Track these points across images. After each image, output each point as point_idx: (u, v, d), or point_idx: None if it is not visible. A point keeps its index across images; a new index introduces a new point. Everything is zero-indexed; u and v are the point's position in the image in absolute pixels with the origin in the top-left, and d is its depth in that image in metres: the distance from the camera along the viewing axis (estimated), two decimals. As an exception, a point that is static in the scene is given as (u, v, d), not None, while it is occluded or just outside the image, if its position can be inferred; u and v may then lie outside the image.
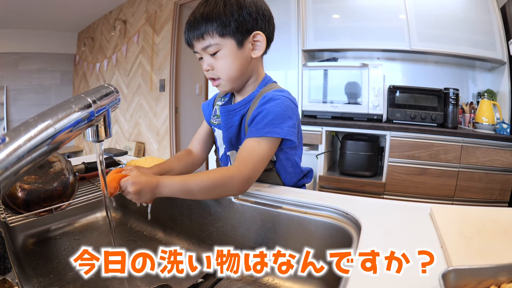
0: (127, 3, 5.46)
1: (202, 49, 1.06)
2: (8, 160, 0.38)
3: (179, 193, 0.93)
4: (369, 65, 3.16)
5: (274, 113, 1.05)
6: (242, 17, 1.04)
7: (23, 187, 0.89)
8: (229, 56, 1.06)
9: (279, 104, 1.07)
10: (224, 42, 1.04)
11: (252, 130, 1.04)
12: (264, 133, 1.02)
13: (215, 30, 1.02)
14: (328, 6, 3.45)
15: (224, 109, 1.19)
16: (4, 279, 0.70)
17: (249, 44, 1.09)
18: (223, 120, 1.20)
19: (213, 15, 1.02)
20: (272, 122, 1.03)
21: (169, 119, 4.88)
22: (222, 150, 1.28)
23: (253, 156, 1.00)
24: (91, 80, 6.43)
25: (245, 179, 0.97)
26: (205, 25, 1.02)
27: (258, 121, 1.05)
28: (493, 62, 3.09)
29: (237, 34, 1.05)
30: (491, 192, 2.77)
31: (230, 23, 1.03)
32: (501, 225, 0.71)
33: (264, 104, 1.08)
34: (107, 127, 0.66)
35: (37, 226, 1.21)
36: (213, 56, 1.07)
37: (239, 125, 1.18)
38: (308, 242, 0.96)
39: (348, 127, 3.09)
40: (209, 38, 1.03)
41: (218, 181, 0.93)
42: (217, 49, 1.05)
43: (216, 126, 1.28)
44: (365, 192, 3.03)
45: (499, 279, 0.50)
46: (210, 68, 1.09)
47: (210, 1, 1.05)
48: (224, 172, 0.96)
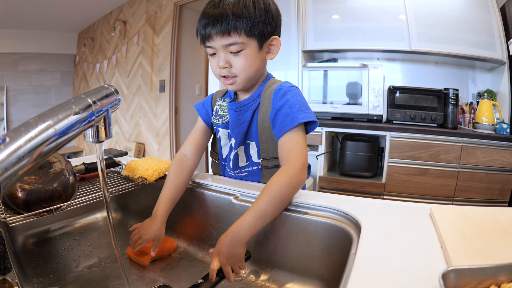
0: (127, 4, 5.47)
1: (224, 46, 1.03)
2: (9, 161, 0.38)
3: (259, 224, 0.91)
4: (369, 65, 3.16)
5: (299, 102, 1.08)
6: (267, 20, 1.05)
7: (23, 187, 0.89)
8: (250, 56, 1.06)
9: (298, 94, 1.12)
10: (249, 42, 1.04)
11: (285, 122, 1.05)
12: (300, 119, 1.03)
13: (244, 28, 1.01)
14: (328, 6, 3.45)
15: (235, 105, 1.18)
16: (4, 279, 0.70)
17: (266, 47, 1.11)
18: (233, 116, 1.18)
19: (244, 12, 1.00)
20: (300, 109, 1.06)
21: (169, 120, 4.89)
22: (226, 150, 1.28)
23: (298, 147, 1.03)
24: (91, 80, 6.44)
25: (301, 168, 0.99)
26: (235, 21, 0.99)
27: (288, 113, 1.05)
28: (493, 62, 3.10)
29: (261, 36, 1.05)
30: (491, 192, 2.77)
31: (258, 24, 1.03)
32: (501, 225, 0.71)
33: (283, 96, 1.10)
34: (107, 127, 0.66)
35: (37, 227, 1.21)
36: (235, 55, 1.04)
37: (250, 120, 1.17)
38: (308, 242, 0.96)
39: (348, 127, 3.09)
40: (236, 36, 1.01)
41: (284, 188, 0.95)
42: (241, 48, 1.03)
43: (220, 126, 1.26)
44: (365, 193, 3.03)
45: (499, 279, 0.50)
46: (227, 66, 1.06)
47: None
48: (282, 177, 0.96)
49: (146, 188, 1.26)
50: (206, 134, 1.31)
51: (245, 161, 1.23)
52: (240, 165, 1.24)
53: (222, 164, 1.33)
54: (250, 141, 1.20)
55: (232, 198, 1.08)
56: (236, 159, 1.24)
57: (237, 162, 1.24)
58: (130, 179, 1.26)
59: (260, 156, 1.18)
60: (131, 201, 1.42)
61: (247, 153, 1.22)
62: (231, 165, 1.26)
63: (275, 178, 0.96)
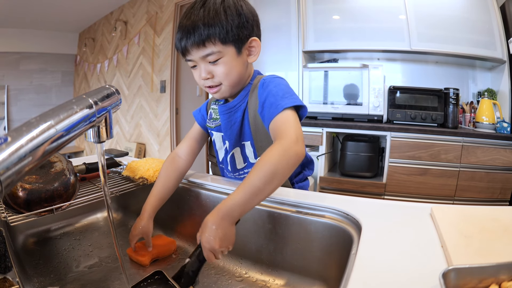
0: (128, 4, 5.47)
1: (202, 57, 1.02)
2: (10, 160, 0.38)
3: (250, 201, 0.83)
4: (369, 66, 3.15)
5: (282, 90, 1.05)
6: (241, 24, 1.03)
7: (24, 187, 0.89)
8: (230, 63, 1.04)
9: (280, 83, 1.09)
10: (226, 49, 1.02)
11: (271, 111, 1.00)
12: (284, 105, 0.98)
13: (217, 36, 0.99)
14: (328, 7, 3.45)
15: (225, 107, 1.18)
16: (4, 278, 0.70)
17: (246, 50, 1.08)
18: (224, 119, 1.18)
19: (215, 20, 0.98)
20: (284, 96, 1.02)
21: (170, 120, 4.89)
22: (221, 153, 1.28)
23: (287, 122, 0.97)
24: (92, 80, 6.45)
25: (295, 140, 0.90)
26: (207, 30, 0.98)
27: (272, 102, 1.02)
28: (493, 61, 3.09)
29: (237, 41, 1.03)
30: (492, 191, 2.77)
31: (232, 29, 1.01)
32: (501, 224, 0.71)
33: (266, 87, 1.08)
34: (109, 128, 0.66)
35: (37, 226, 1.21)
36: (214, 64, 1.03)
37: (241, 121, 1.17)
38: (308, 243, 0.96)
39: (348, 128, 3.08)
40: (211, 45, 1.00)
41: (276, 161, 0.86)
42: (219, 57, 1.02)
43: (214, 129, 1.26)
44: (366, 193, 3.03)
45: (500, 278, 0.50)
46: (209, 76, 1.05)
47: (208, 6, 1.01)
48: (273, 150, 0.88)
49: (147, 188, 1.26)
50: (201, 137, 1.31)
51: (242, 163, 1.23)
52: (238, 167, 1.24)
53: (220, 167, 1.33)
54: (244, 141, 1.19)
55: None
56: (233, 161, 1.24)
57: (234, 165, 1.24)
58: (131, 180, 1.26)
59: (256, 156, 1.18)
60: (132, 201, 1.42)
61: (243, 154, 1.21)
62: (229, 168, 1.26)
63: (267, 152, 0.88)
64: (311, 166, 1.31)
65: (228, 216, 0.80)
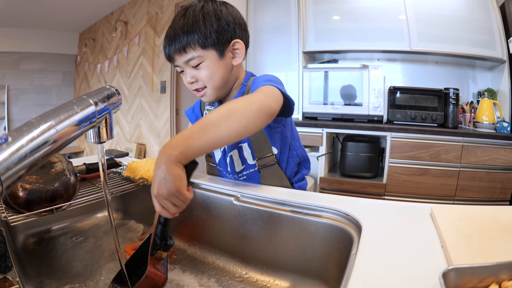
0: (128, 4, 5.47)
1: (185, 63, 1.07)
2: (11, 160, 0.38)
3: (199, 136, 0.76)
4: (369, 66, 3.16)
5: (270, 79, 1.07)
6: (221, 28, 1.06)
7: (24, 187, 0.89)
8: (212, 66, 1.08)
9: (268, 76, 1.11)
10: (206, 53, 1.06)
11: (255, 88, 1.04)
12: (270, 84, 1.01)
13: (196, 42, 1.04)
14: (328, 7, 3.46)
15: None
16: (4, 278, 0.70)
17: (229, 53, 1.11)
18: None
19: (194, 27, 1.03)
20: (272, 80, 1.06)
21: (170, 121, 4.89)
22: (218, 155, 1.29)
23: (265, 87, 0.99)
24: (92, 81, 6.45)
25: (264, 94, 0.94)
26: (186, 38, 1.03)
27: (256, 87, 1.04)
28: (493, 60, 3.10)
29: (218, 45, 1.07)
30: (492, 191, 2.77)
31: (211, 34, 1.04)
32: (501, 224, 0.71)
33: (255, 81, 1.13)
34: (109, 128, 0.66)
35: (38, 226, 1.22)
36: (196, 68, 1.08)
37: None
38: (309, 243, 0.96)
39: (348, 128, 3.09)
40: (191, 50, 1.05)
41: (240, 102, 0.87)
42: (200, 61, 1.06)
43: None
44: (366, 193, 3.03)
45: (500, 277, 0.50)
46: (194, 80, 1.10)
47: (188, 14, 1.06)
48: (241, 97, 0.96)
49: (147, 189, 1.25)
50: None
51: (241, 165, 1.23)
52: (237, 170, 1.24)
53: (218, 168, 1.34)
54: (241, 143, 1.20)
55: (233, 199, 1.08)
56: (232, 163, 1.24)
57: (233, 167, 1.25)
58: (131, 180, 1.26)
59: (254, 157, 1.19)
60: (132, 201, 1.42)
61: (242, 156, 1.22)
62: (229, 170, 1.26)
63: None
64: (307, 164, 1.32)
65: (168, 152, 0.71)
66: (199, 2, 1.10)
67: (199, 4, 1.08)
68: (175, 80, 4.83)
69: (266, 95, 0.95)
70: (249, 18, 3.81)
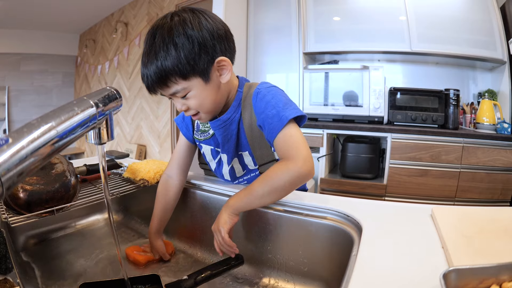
0: (129, 6, 5.47)
1: (170, 95, 0.99)
2: (11, 161, 0.38)
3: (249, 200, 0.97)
4: (369, 67, 3.15)
5: (281, 101, 1.04)
6: (198, 51, 0.93)
7: (25, 188, 0.89)
8: (200, 94, 0.99)
9: (278, 93, 1.07)
10: (190, 83, 0.96)
11: (274, 124, 1.00)
12: (288, 116, 0.99)
13: (175, 74, 0.93)
14: (329, 8, 3.46)
15: (218, 121, 1.11)
16: (5, 279, 0.70)
17: (215, 72, 0.99)
18: (220, 133, 1.13)
19: (167, 59, 0.91)
20: (285, 107, 1.01)
21: (171, 122, 4.89)
22: (213, 164, 1.25)
23: (294, 140, 0.98)
24: (93, 82, 6.45)
25: (302, 161, 0.93)
26: (163, 73, 0.92)
27: (274, 114, 1.01)
28: (494, 61, 3.09)
29: (200, 71, 0.95)
30: (492, 192, 2.76)
31: (189, 62, 0.92)
32: (501, 225, 0.71)
33: (263, 99, 1.05)
34: (110, 129, 0.66)
35: (38, 227, 1.22)
36: (184, 98, 0.99)
37: (237, 132, 1.13)
38: (309, 244, 0.96)
39: (349, 129, 3.08)
40: (173, 84, 0.95)
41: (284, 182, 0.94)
42: (186, 92, 0.97)
43: (203, 142, 1.22)
44: (366, 194, 3.02)
45: (500, 278, 0.50)
46: (185, 108, 1.02)
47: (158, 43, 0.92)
48: (278, 166, 0.95)
49: (148, 190, 1.26)
50: (190, 150, 1.27)
51: (241, 171, 1.20)
52: (238, 175, 1.22)
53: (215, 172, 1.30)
54: (242, 151, 1.16)
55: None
56: (232, 171, 1.21)
57: (234, 174, 1.22)
58: (132, 181, 1.26)
59: (256, 163, 1.16)
60: (133, 202, 1.42)
61: (242, 163, 1.19)
62: (229, 178, 1.23)
63: (277, 168, 0.95)
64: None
65: (228, 206, 0.97)
66: (165, 20, 0.95)
67: (166, 24, 0.93)
68: (175, 81, 4.83)
69: (305, 160, 0.94)
70: (249, 19, 3.81)
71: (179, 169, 1.25)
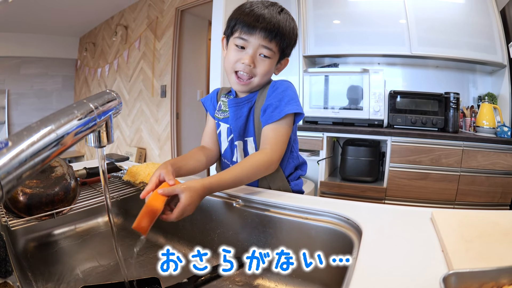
0: (129, 9, 5.48)
1: (260, 46, 1.12)
2: (11, 165, 0.38)
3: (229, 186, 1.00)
4: (369, 70, 3.16)
5: (288, 95, 1.17)
6: (292, 44, 1.20)
7: (24, 191, 0.89)
8: (271, 65, 1.17)
9: (289, 88, 1.21)
10: (275, 55, 1.16)
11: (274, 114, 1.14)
12: (286, 111, 1.13)
13: (281, 44, 1.14)
14: (329, 11, 3.46)
15: (234, 101, 1.26)
16: (5, 282, 0.70)
17: (278, 63, 1.23)
18: (232, 111, 1.25)
19: (289, 33, 1.14)
20: (289, 102, 1.15)
21: (170, 125, 4.89)
22: (225, 145, 1.33)
23: (280, 137, 1.14)
24: (93, 85, 6.45)
25: (279, 157, 1.12)
26: (281, 35, 1.12)
27: (277, 106, 1.15)
28: (494, 65, 3.10)
29: (282, 55, 1.20)
30: (492, 196, 2.76)
31: (288, 46, 1.18)
32: (501, 228, 0.71)
33: (275, 90, 1.20)
34: (109, 132, 0.66)
35: (38, 230, 1.21)
36: (261, 57, 1.14)
37: (247, 116, 1.24)
38: (309, 247, 0.96)
39: (349, 132, 3.09)
40: (274, 44, 1.13)
41: (262, 165, 1.06)
42: (270, 56, 1.14)
43: (221, 120, 1.32)
44: (366, 198, 3.02)
45: (500, 282, 0.50)
46: (252, 65, 1.14)
47: (287, 18, 1.15)
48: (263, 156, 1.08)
49: (147, 192, 1.26)
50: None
51: (243, 158, 1.27)
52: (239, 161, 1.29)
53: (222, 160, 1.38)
54: (248, 137, 1.26)
55: (234, 203, 1.08)
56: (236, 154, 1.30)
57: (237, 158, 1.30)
58: (132, 184, 1.26)
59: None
60: (132, 206, 1.42)
61: (245, 150, 1.27)
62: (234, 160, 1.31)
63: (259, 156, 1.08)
64: (303, 167, 1.37)
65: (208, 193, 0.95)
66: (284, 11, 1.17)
67: (288, 13, 1.18)
68: (175, 84, 4.83)
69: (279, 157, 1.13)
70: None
71: (212, 139, 1.38)
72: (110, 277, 1.05)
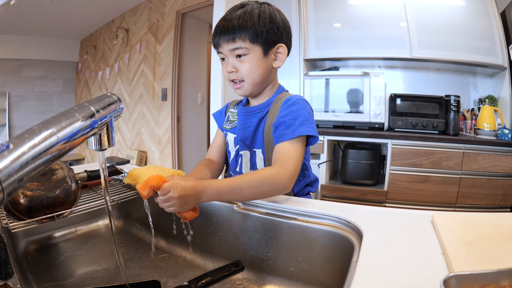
0: (130, 12, 5.49)
1: (230, 51, 1.13)
2: (12, 167, 0.38)
3: (227, 193, 0.95)
4: (370, 73, 3.16)
5: (303, 115, 1.12)
6: (271, 29, 1.13)
7: (25, 193, 0.89)
8: (255, 61, 1.14)
9: (305, 107, 1.16)
10: (253, 48, 1.12)
11: (286, 132, 1.09)
12: (299, 132, 1.08)
13: (247, 34, 1.10)
14: (329, 15, 3.47)
15: (243, 110, 1.26)
16: (5, 284, 0.70)
17: (273, 54, 1.18)
18: (240, 120, 1.25)
19: (248, 21, 1.10)
20: (304, 123, 1.10)
21: (171, 128, 4.89)
22: (232, 154, 1.32)
23: (293, 154, 1.06)
24: (93, 88, 6.46)
25: (291, 175, 1.01)
26: (239, 30, 1.10)
27: (290, 124, 1.10)
28: (494, 67, 3.10)
29: (265, 43, 1.13)
30: (493, 198, 2.76)
31: (262, 32, 1.11)
32: (502, 230, 0.71)
33: (290, 106, 1.15)
34: (110, 136, 0.66)
35: (39, 233, 1.21)
36: (239, 59, 1.13)
37: (256, 126, 1.22)
38: (309, 250, 0.96)
39: (349, 136, 3.09)
40: (240, 41, 1.11)
41: (267, 177, 0.98)
42: (245, 53, 1.12)
43: (228, 131, 1.32)
44: (367, 201, 3.02)
45: (501, 284, 0.50)
46: (234, 70, 1.15)
47: (245, 9, 1.13)
48: (271, 170, 1.00)
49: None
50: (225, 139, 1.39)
51: (249, 169, 1.26)
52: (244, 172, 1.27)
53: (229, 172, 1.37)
54: (256, 148, 1.24)
55: (234, 206, 1.08)
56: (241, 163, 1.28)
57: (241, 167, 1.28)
58: (132, 187, 1.26)
59: (265, 165, 1.21)
60: (133, 209, 1.42)
61: (253, 161, 1.25)
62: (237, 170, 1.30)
63: (267, 169, 1.02)
64: (315, 184, 1.34)
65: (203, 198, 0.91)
66: (257, 2, 1.17)
67: (257, 4, 1.16)
68: (176, 88, 4.84)
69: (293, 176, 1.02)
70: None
71: (218, 152, 1.38)
72: (111, 279, 1.05)
